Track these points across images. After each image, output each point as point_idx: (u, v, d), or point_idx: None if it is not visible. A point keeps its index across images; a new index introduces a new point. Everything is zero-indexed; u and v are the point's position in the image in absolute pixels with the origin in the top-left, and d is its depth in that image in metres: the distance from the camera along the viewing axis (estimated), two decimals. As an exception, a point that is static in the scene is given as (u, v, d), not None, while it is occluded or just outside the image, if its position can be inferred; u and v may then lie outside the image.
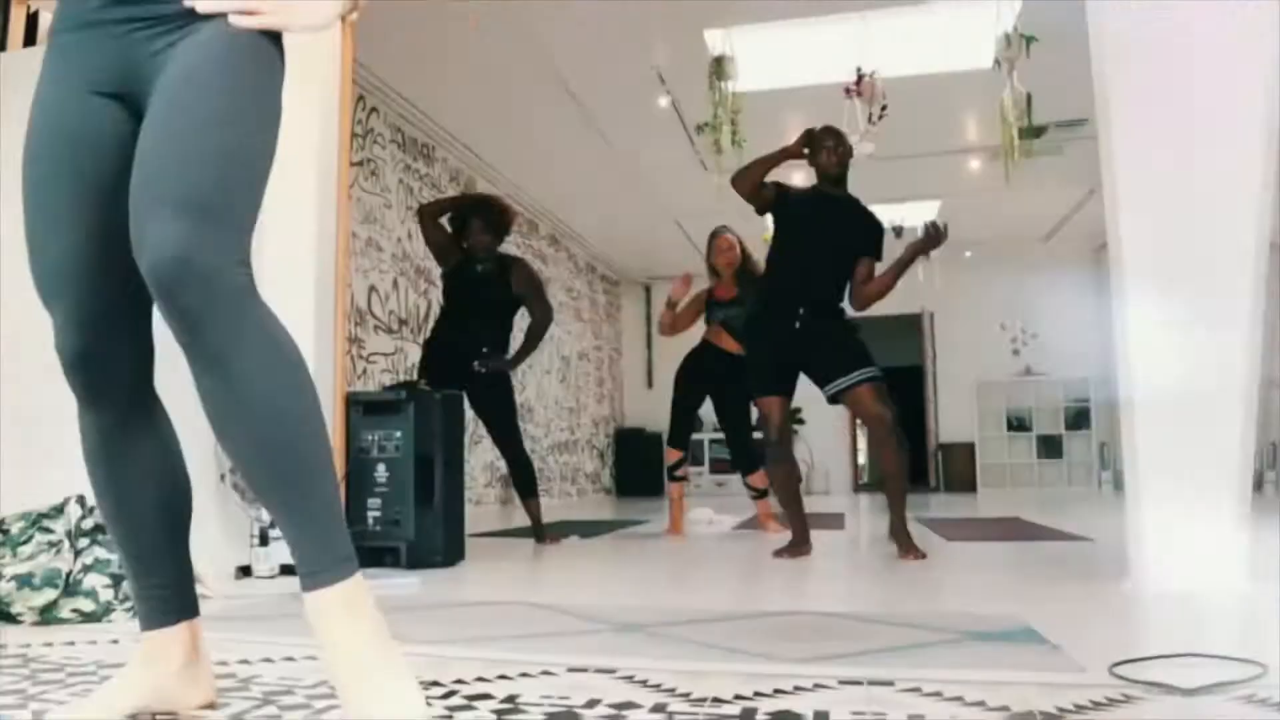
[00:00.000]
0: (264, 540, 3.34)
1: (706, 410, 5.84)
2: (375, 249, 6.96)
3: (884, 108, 5.74)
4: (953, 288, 11.68)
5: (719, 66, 6.05)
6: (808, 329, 4.11)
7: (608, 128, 7.84)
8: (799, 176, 6.58)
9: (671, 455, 5.66)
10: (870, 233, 4.26)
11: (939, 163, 8.70)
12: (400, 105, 7.22)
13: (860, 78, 5.74)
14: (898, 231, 7.95)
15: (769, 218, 4.38)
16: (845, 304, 4.25)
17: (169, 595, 1.49)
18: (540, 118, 7.55)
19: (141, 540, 1.48)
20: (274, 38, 1.40)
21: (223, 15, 1.34)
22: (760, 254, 4.87)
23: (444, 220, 4.99)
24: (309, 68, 3.50)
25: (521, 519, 5.58)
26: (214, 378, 1.26)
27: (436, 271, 5.21)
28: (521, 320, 4.93)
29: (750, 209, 4.38)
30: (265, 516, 3.32)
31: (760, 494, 5.53)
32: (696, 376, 5.56)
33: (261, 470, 1.30)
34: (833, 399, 4.12)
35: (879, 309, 4.41)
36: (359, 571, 1.34)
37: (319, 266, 3.57)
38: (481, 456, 8.33)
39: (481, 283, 4.82)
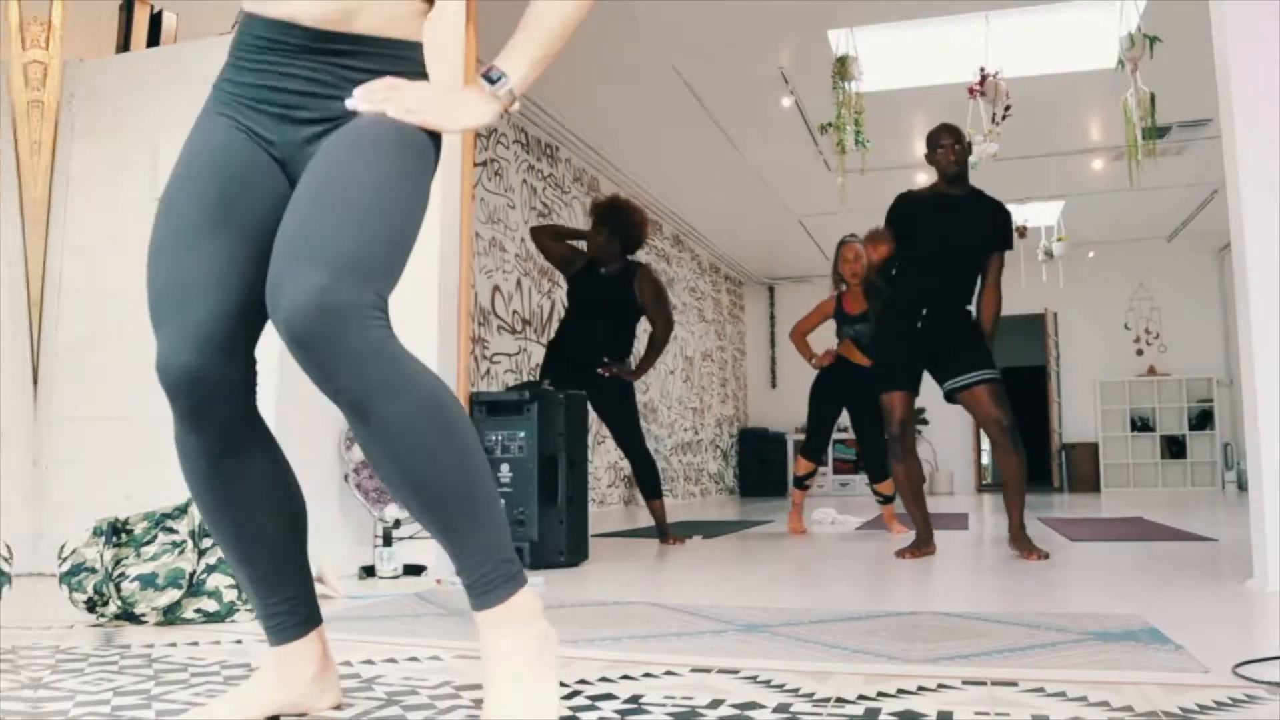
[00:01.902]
0: (387, 541, 3.37)
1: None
2: (499, 249, 7.13)
3: (1008, 108, 5.69)
4: (1076, 287, 11.53)
5: (842, 66, 6.07)
6: (933, 325, 4.12)
7: (731, 128, 7.92)
8: (923, 177, 6.59)
9: (803, 466, 5.78)
10: (997, 225, 4.22)
11: (1062, 163, 8.54)
12: (524, 105, 7.35)
13: (984, 78, 5.70)
14: (1021, 232, 7.86)
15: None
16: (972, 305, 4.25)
17: (295, 608, 1.49)
18: (664, 118, 7.66)
19: (262, 560, 1.46)
20: (431, 131, 1.44)
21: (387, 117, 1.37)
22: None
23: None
24: (433, 71, 3.65)
25: (645, 519, 5.66)
26: (360, 427, 1.27)
27: (560, 273, 5.32)
28: (645, 325, 5.01)
29: (883, 213, 4.38)
30: (389, 517, 3.37)
31: (887, 499, 5.59)
32: (830, 392, 5.65)
33: (422, 513, 1.31)
34: (949, 397, 4.13)
35: (1004, 308, 4.37)
36: (526, 582, 1.36)
37: (443, 267, 3.66)
38: (605, 457, 8.49)
39: (606, 287, 4.87)
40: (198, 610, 2.48)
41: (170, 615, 2.45)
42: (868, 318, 5.33)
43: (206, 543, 2.54)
